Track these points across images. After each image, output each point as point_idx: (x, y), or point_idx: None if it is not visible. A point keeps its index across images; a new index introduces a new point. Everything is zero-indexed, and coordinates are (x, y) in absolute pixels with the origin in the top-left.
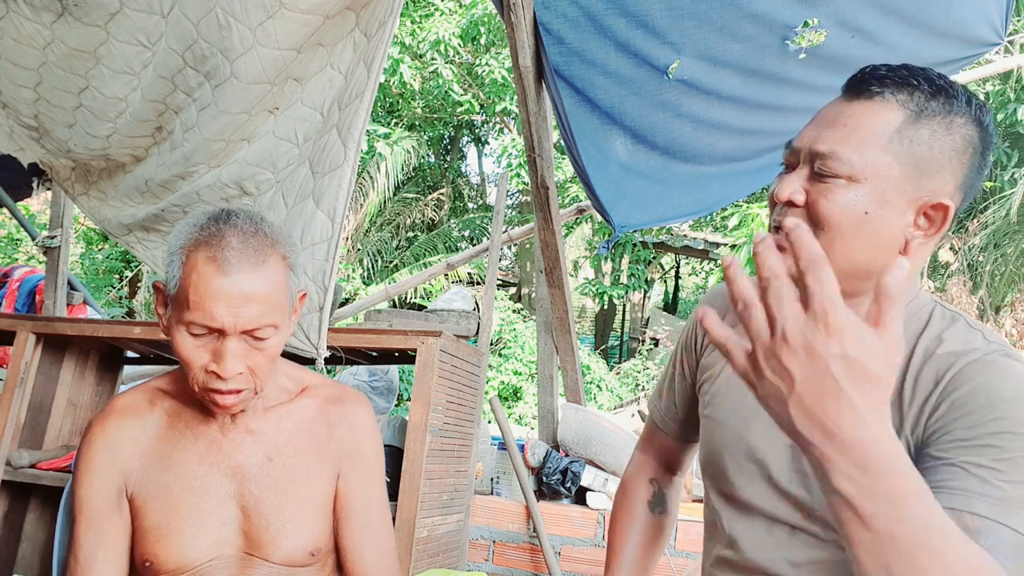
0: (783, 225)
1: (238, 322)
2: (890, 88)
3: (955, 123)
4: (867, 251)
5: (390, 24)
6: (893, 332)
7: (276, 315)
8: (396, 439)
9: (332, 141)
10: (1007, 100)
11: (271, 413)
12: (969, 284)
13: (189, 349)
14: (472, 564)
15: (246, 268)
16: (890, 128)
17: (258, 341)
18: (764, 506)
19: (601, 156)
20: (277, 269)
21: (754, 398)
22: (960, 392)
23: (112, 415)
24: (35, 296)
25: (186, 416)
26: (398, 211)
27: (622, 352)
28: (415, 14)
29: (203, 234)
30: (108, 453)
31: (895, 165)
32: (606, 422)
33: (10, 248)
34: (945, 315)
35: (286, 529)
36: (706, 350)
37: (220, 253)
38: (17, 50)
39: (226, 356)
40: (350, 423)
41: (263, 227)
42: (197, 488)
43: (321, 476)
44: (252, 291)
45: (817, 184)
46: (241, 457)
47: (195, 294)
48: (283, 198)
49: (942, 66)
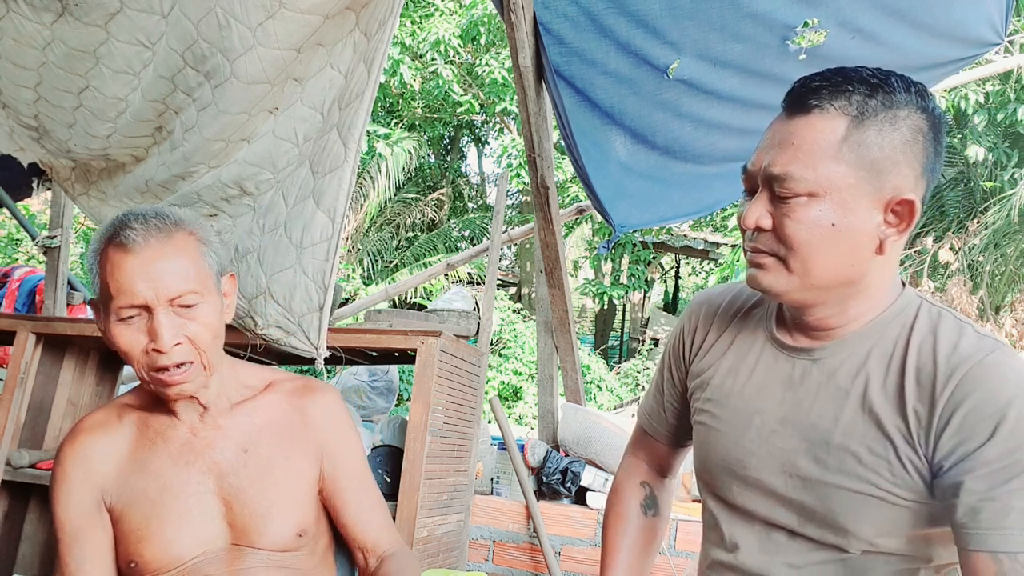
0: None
1: (158, 292)
2: (827, 98)
3: (899, 116)
4: (843, 259)
5: (390, 24)
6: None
7: (195, 282)
8: (396, 439)
9: (332, 141)
10: (1007, 100)
11: (238, 409)
12: (969, 284)
13: (126, 337)
14: (472, 564)
15: (152, 242)
16: (836, 138)
17: (187, 310)
18: (762, 512)
19: (601, 156)
20: (187, 242)
21: (748, 404)
22: (968, 404)
23: (81, 433)
24: (35, 296)
25: (155, 424)
26: (398, 211)
27: (622, 352)
28: (415, 14)
29: (109, 232)
30: (81, 468)
31: (850, 172)
32: (606, 422)
33: (10, 248)
34: (931, 311)
35: (270, 514)
36: (696, 356)
37: (125, 237)
38: (17, 50)
39: (159, 329)
40: (323, 408)
41: (166, 212)
42: (175, 489)
43: (301, 462)
44: (163, 260)
45: (780, 206)
46: (215, 453)
47: (113, 280)
48: (283, 198)
49: (942, 66)
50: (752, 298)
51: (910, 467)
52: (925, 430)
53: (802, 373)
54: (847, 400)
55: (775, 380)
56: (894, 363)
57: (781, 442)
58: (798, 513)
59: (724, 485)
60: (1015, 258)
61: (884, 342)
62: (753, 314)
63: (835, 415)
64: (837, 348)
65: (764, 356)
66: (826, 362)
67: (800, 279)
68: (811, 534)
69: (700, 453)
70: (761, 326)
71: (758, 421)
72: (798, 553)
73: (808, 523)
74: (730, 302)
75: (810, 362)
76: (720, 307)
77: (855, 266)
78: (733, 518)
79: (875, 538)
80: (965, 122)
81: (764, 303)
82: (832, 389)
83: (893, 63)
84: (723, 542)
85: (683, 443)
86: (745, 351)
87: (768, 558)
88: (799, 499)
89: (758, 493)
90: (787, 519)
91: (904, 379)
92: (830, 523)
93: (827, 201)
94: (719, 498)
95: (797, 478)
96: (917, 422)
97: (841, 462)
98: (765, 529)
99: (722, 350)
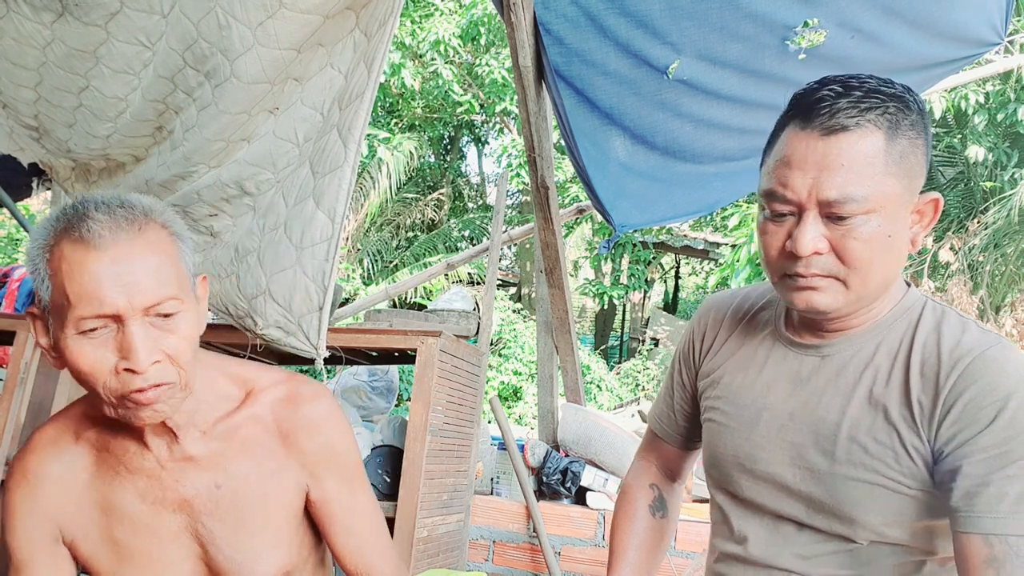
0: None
1: (133, 299)
2: (861, 114)
3: (916, 121)
4: (894, 267)
5: (390, 24)
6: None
7: (174, 286)
8: (396, 439)
9: (332, 141)
10: (1007, 100)
11: (212, 433)
12: (969, 284)
13: (89, 356)
14: (472, 564)
15: (121, 237)
16: (880, 152)
17: (164, 320)
18: (771, 505)
19: (601, 156)
20: (160, 235)
21: (757, 400)
22: (969, 393)
23: (32, 453)
24: (35, 296)
25: (116, 449)
26: (398, 211)
27: (622, 352)
28: (415, 14)
29: (61, 223)
30: (32, 498)
31: (897, 184)
32: (606, 422)
33: (10, 248)
34: (936, 309)
35: (249, 559)
36: (706, 357)
37: (87, 230)
38: (17, 50)
39: (134, 344)
40: (309, 425)
41: (132, 200)
42: (145, 530)
43: (280, 493)
44: (136, 260)
45: (837, 227)
46: (185, 489)
47: (72, 284)
48: (283, 198)
49: (942, 66)
50: (760, 300)
51: (915, 455)
52: (928, 418)
53: (811, 369)
54: (854, 394)
55: (784, 376)
56: (900, 358)
57: (790, 436)
58: (806, 505)
59: (734, 480)
60: (1015, 258)
61: (891, 338)
62: (761, 315)
63: (843, 408)
64: (845, 344)
65: (773, 354)
66: (835, 358)
67: (857, 294)
68: (819, 525)
69: (710, 449)
70: (770, 326)
71: (767, 416)
72: (806, 544)
73: (816, 514)
74: (738, 305)
75: (819, 358)
76: (729, 309)
77: (897, 266)
78: (742, 512)
79: (882, 528)
80: (965, 122)
81: (772, 305)
82: (840, 384)
83: (893, 63)
84: (732, 535)
85: (692, 446)
86: (754, 350)
87: (777, 550)
88: (807, 491)
89: (767, 486)
90: (795, 511)
91: (909, 372)
92: (838, 513)
93: (882, 215)
94: (728, 493)
95: (806, 470)
96: (921, 411)
97: (849, 453)
98: (774, 521)
99: (732, 350)
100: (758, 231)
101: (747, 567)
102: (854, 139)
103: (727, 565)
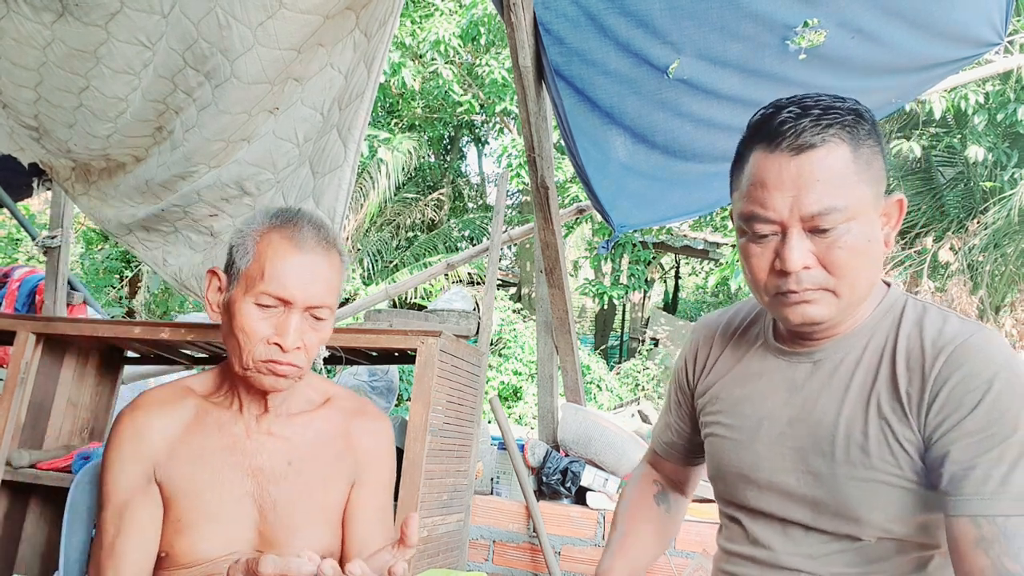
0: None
1: (307, 296)
2: (825, 130)
3: (871, 131)
4: (875, 269)
5: (390, 24)
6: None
7: (333, 299)
8: (396, 439)
9: (332, 141)
10: (1007, 100)
11: (294, 420)
12: (969, 284)
13: (255, 321)
14: (472, 564)
15: (319, 250)
16: (848, 161)
17: (316, 321)
18: (777, 511)
19: (601, 156)
20: (337, 260)
21: (755, 411)
22: (954, 379)
23: (141, 408)
24: (35, 296)
25: (214, 414)
26: (398, 211)
27: (622, 352)
28: (415, 14)
29: (278, 220)
30: (136, 443)
31: (868, 190)
32: (606, 422)
33: (10, 248)
34: (916, 305)
35: (300, 533)
36: (701, 376)
37: (298, 234)
38: (17, 50)
39: (290, 328)
40: (370, 435)
41: (330, 226)
42: (219, 485)
43: (337, 485)
44: (321, 270)
45: (821, 240)
46: (262, 459)
47: (271, 267)
48: (283, 198)
49: (942, 66)
50: (750, 315)
51: (908, 447)
52: (916, 408)
53: (804, 375)
54: (847, 394)
55: (779, 385)
56: (886, 354)
57: (791, 442)
58: (812, 508)
59: (739, 491)
60: (1015, 258)
61: (877, 336)
62: (751, 329)
63: (838, 410)
64: (835, 348)
65: (767, 364)
66: (826, 362)
67: (847, 300)
68: (825, 526)
69: (714, 463)
70: (761, 338)
71: (767, 425)
72: (815, 545)
73: (822, 516)
74: (728, 322)
75: (811, 364)
76: (719, 327)
77: (879, 271)
78: (750, 518)
79: (887, 524)
80: (965, 122)
81: (761, 318)
82: (833, 386)
83: (893, 63)
84: (740, 537)
85: (694, 462)
86: (748, 363)
87: (786, 551)
88: (812, 494)
89: (773, 494)
90: (802, 515)
91: (896, 366)
92: (843, 513)
93: (860, 221)
94: (735, 504)
95: (808, 474)
96: (909, 402)
97: (847, 453)
98: (782, 526)
99: (727, 366)
100: (742, 254)
101: (756, 567)
102: (823, 154)
103: (736, 565)
